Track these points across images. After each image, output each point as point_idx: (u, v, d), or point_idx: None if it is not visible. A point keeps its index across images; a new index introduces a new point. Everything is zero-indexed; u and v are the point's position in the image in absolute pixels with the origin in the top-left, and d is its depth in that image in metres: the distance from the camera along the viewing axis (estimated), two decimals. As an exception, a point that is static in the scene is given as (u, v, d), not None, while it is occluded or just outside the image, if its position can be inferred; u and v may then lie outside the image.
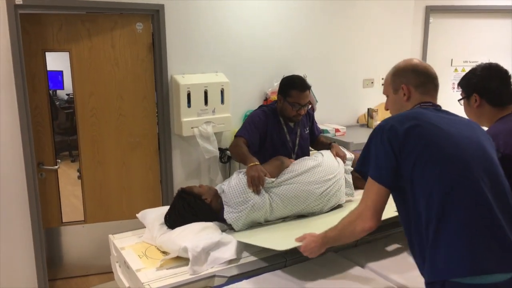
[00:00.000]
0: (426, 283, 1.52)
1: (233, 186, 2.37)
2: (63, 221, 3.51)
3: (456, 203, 1.44)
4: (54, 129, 3.40)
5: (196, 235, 2.14)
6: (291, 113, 2.75)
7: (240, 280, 1.94)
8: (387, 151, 1.53)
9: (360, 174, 1.67)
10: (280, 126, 2.84)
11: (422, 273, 1.56)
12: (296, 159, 2.80)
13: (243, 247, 2.16)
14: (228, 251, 2.09)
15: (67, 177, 3.75)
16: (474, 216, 1.44)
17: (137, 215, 2.55)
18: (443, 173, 1.47)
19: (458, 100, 2.13)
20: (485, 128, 1.95)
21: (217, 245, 2.10)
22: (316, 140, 3.10)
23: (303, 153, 2.93)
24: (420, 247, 1.53)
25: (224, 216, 2.34)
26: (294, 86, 2.73)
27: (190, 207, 2.34)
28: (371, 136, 1.61)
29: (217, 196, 2.44)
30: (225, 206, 2.36)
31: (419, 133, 1.52)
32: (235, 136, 2.79)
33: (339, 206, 2.59)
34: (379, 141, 1.56)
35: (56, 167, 3.40)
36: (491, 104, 2.00)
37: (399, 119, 1.58)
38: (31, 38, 3.18)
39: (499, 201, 1.49)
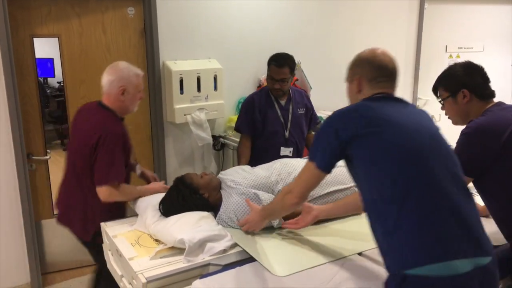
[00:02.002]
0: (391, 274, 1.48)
1: (238, 210, 2.20)
2: (55, 213, 3.46)
3: (415, 195, 1.44)
4: (45, 117, 3.34)
5: (192, 226, 2.09)
6: (270, 85, 3.05)
7: (234, 267, 1.91)
8: (331, 140, 1.59)
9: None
10: (272, 104, 3.10)
11: (384, 259, 1.53)
12: (289, 136, 3.04)
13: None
14: (225, 242, 2.06)
15: (59, 166, 3.68)
16: (434, 204, 1.44)
17: (129, 202, 2.52)
18: (399, 166, 1.48)
19: (440, 101, 2.11)
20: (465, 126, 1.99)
21: (214, 237, 2.06)
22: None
23: (295, 131, 3.10)
24: (383, 230, 1.51)
25: (216, 219, 2.23)
26: (272, 60, 3.01)
27: (184, 201, 2.27)
28: (325, 126, 1.67)
29: (217, 189, 2.36)
30: (221, 209, 2.24)
31: (372, 126, 1.55)
32: (236, 129, 3.13)
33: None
34: (331, 130, 1.62)
35: (47, 157, 3.33)
36: (479, 98, 2.01)
37: (348, 113, 1.68)
38: (18, 24, 3.09)
39: (456, 188, 1.49)
